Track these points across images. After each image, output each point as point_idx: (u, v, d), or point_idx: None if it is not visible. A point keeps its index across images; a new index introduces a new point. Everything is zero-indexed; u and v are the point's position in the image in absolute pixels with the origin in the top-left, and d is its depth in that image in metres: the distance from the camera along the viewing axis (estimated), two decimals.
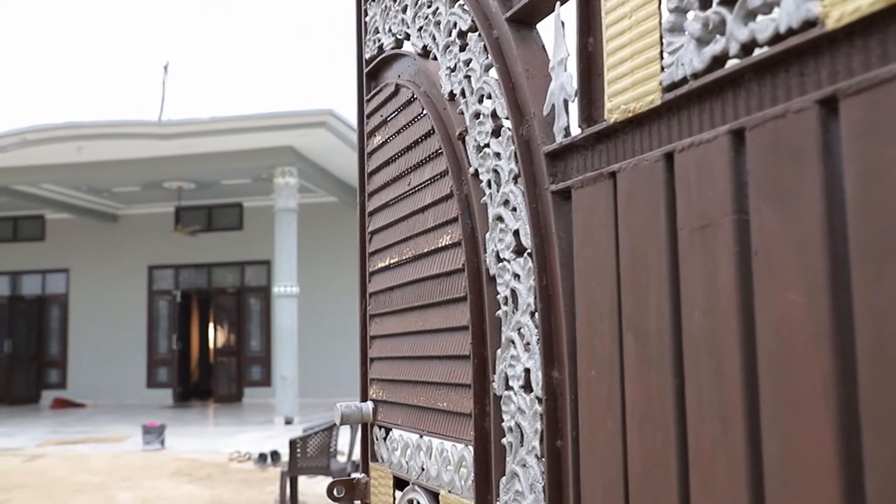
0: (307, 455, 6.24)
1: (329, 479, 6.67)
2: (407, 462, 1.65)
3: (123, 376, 18.29)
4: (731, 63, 0.84)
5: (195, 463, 9.19)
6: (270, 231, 14.51)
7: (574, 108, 1.13)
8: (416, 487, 1.59)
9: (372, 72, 1.91)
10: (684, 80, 0.89)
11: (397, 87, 1.73)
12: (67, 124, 12.96)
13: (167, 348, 18.38)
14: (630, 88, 0.98)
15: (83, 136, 12.95)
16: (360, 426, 1.90)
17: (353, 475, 1.87)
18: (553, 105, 1.16)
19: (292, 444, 6.21)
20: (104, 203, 17.85)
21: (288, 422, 12.80)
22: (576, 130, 1.12)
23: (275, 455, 8.98)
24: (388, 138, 1.78)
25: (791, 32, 0.76)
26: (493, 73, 1.32)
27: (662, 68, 0.93)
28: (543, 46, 1.28)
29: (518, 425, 1.23)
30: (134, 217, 18.63)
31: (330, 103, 12.42)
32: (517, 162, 1.24)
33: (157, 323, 18.54)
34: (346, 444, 6.47)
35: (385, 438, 1.78)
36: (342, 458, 6.65)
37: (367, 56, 1.93)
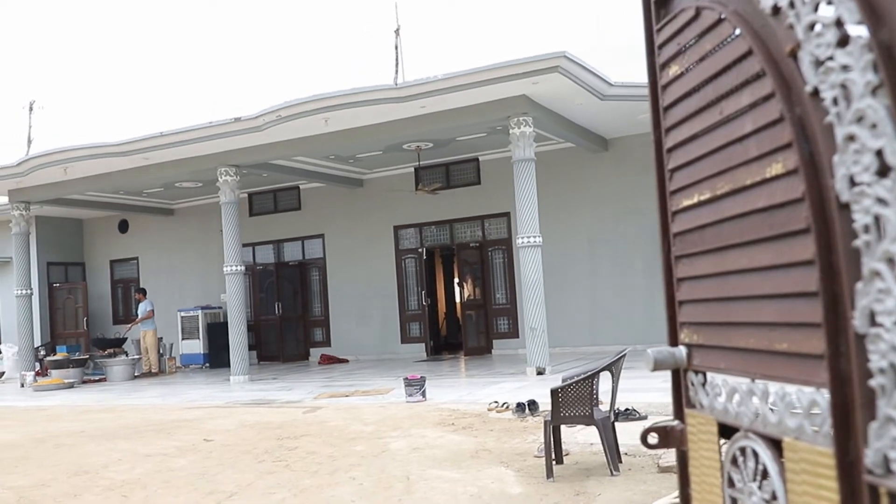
0: (569, 404, 6.26)
1: (591, 428, 6.66)
2: (736, 408, 1.56)
3: (380, 332, 19.36)
4: None
5: (456, 413, 9.53)
6: (508, 183, 14.57)
7: None
8: (750, 434, 1.50)
9: None
10: None
11: (698, 10, 1.61)
12: (314, 97, 13.68)
13: (417, 304, 19.20)
14: None
15: (328, 108, 13.63)
16: (619, 373, 1.82)
17: (668, 422, 1.81)
18: None
19: (554, 393, 6.25)
20: (350, 169, 18.82)
21: (540, 372, 12.91)
22: None
23: (532, 405, 9.11)
24: (688, 67, 1.67)
25: None
26: None
27: None
28: None
29: (892, 365, 1.11)
30: (377, 180, 19.51)
31: (562, 46, 12.08)
32: (876, 72, 1.10)
33: (405, 280, 19.38)
34: (605, 392, 6.40)
35: (703, 384, 1.70)
36: (604, 407, 6.60)
37: None
